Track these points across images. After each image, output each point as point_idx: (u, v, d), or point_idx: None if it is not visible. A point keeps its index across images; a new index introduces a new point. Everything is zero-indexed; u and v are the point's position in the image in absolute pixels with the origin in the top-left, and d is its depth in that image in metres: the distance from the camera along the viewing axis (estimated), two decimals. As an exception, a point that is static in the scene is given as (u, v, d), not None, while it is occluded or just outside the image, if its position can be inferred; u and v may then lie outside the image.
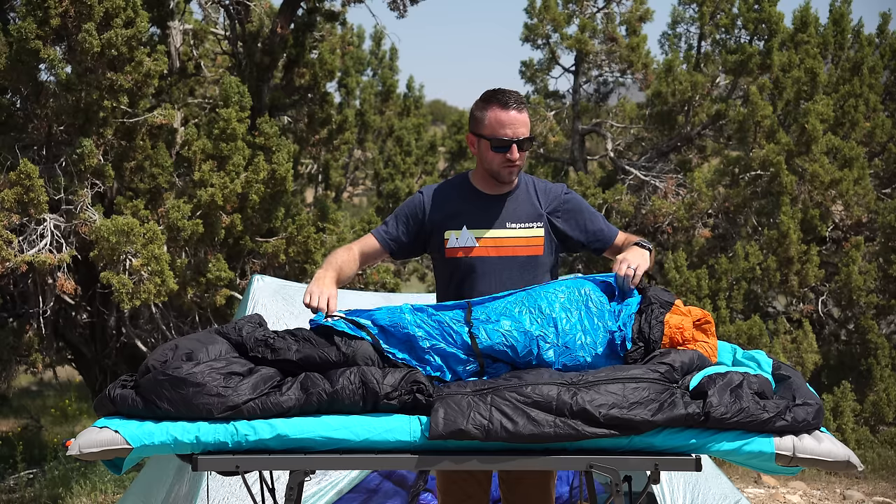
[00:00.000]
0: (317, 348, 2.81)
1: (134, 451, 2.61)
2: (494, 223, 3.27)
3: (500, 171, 3.23)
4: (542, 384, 2.65)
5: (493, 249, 3.25)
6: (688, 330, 2.89)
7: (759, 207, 9.50)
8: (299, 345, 2.82)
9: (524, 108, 3.21)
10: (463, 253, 3.26)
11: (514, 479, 3.33)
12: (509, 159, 3.19)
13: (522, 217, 3.29)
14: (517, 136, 3.18)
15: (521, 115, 3.18)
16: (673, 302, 2.94)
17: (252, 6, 8.85)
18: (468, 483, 3.34)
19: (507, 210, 3.29)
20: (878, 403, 8.57)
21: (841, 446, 2.61)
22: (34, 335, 7.61)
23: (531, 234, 3.29)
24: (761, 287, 9.18)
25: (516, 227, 3.28)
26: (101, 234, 6.21)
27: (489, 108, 3.19)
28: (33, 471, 7.67)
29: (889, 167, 10.03)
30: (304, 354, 2.80)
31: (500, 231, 3.27)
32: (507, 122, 3.16)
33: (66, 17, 6.06)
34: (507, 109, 3.16)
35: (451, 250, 3.28)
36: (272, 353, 2.81)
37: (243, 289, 7.25)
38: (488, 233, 3.26)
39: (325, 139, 11.22)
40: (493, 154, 3.20)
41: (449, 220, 3.29)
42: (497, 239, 3.26)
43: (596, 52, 11.38)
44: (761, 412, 2.57)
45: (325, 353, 2.79)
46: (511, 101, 3.18)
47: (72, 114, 6.35)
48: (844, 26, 10.75)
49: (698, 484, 4.70)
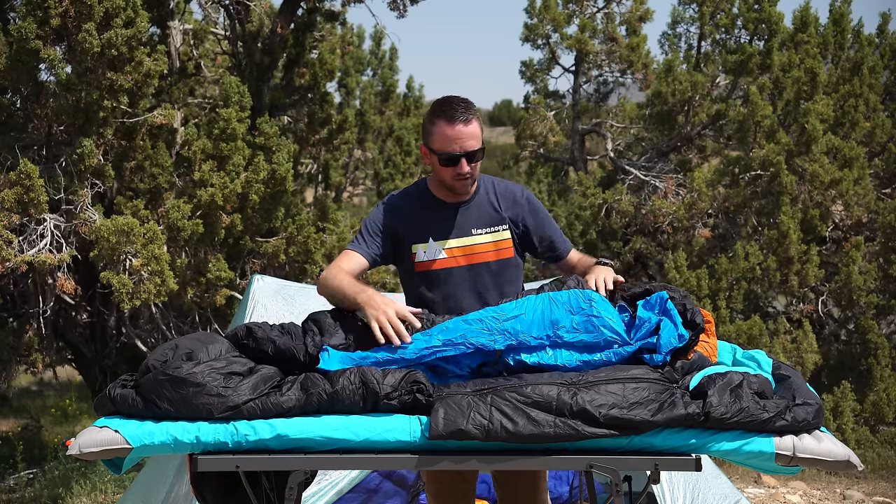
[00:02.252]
0: (293, 341, 2.83)
1: (134, 451, 2.61)
2: (460, 232, 3.24)
3: (453, 185, 3.20)
4: (542, 384, 2.65)
5: (462, 259, 3.23)
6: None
7: (759, 207, 9.50)
8: (281, 337, 2.84)
9: (472, 119, 3.12)
10: (434, 266, 3.23)
11: (508, 478, 3.33)
12: (460, 173, 3.15)
13: (486, 221, 3.26)
14: (465, 150, 3.11)
15: (468, 127, 3.10)
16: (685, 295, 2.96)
17: (252, 6, 8.85)
18: (458, 485, 3.34)
19: (470, 216, 3.26)
20: (878, 403, 8.58)
21: (841, 446, 2.61)
22: (34, 335, 7.61)
23: (498, 237, 3.27)
24: (761, 287, 9.18)
25: (482, 233, 3.25)
26: (101, 234, 6.21)
27: (436, 123, 3.14)
28: (33, 471, 7.68)
29: (889, 167, 10.03)
30: (280, 346, 2.81)
31: (467, 239, 3.25)
32: (453, 136, 3.10)
33: (66, 17, 6.06)
34: (454, 123, 3.09)
35: (421, 264, 3.26)
36: (253, 341, 2.84)
37: (243, 289, 7.25)
38: (454, 242, 3.23)
39: (325, 139, 11.23)
40: (444, 168, 3.16)
41: (414, 233, 3.26)
42: (465, 247, 3.24)
43: (596, 52, 11.39)
44: (761, 412, 2.57)
45: (295, 351, 2.80)
46: (458, 115, 3.10)
47: (72, 114, 6.35)
48: (844, 26, 10.76)
49: (698, 484, 4.70)
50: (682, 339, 2.76)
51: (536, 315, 2.84)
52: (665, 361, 2.74)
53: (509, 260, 3.28)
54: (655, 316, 2.81)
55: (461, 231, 3.24)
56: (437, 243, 3.24)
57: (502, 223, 3.27)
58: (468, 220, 3.25)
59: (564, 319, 2.82)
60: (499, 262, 3.26)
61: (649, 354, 2.76)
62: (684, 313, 2.83)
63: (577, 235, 10.85)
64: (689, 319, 2.81)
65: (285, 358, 2.80)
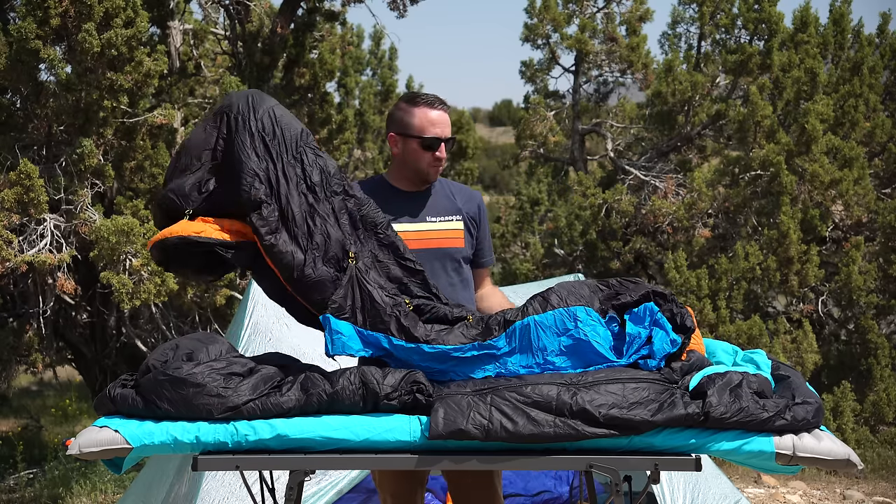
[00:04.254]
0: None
1: (134, 451, 2.61)
2: (416, 218, 3.36)
3: (427, 170, 3.33)
4: (542, 384, 2.65)
5: (415, 242, 3.29)
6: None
7: (759, 207, 9.50)
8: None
9: (447, 109, 3.34)
10: None
11: (459, 476, 3.33)
12: (437, 157, 3.30)
13: (441, 211, 3.39)
14: (444, 135, 3.30)
15: (445, 115, 3.31)
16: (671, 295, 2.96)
17: (252, 6, 8.85)
18: (416, 497, 3.43)
19: (427, 205, 3.39)
20: (878, 403, 8.58)
21: (841, 445, 2.61)
22: (34, 335, 7.61)
23: (451, 226, 3.39)
24: (761, 287, 9.18)
25: (436, 221, 3.38)
26: (101, 234, 6.21)
27: (417, 108, 3.29)
28: (33, 471, 7.68)
29: (889, 167, 10.03)
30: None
31: (422, 224, 3.36)
32: (436, 121, 3.28)
33: (66, 17, 6.06)
34: (434, 108, 3.29)
35: None
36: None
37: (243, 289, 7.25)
38: (410, 226, 3.33)
39: (325, 139, 11.22)
40: (423, 152, 3.29)
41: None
42: (419, 232, 3.34)
43: (596, 52, 11.39)
44: (761, 411, 2.57)
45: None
46: (437, 102, 3.31)
47: (72, 114, 6.35)
48: (844, 26, 10.76)
49: (698, 484, 4.70)
50: (674, 345, 2.77)
51: (524, 343, 2.82)
52: (659, 367, 2.75)
53: (460, 249, 3.39)
54: (645, 329, 2.81)
55: (418, 217, 3.37)
56: (395, 226, 3.27)
57: (457, 214, 3.41)
58: (425, 207, 3.39)
59: (552, 344, 2.82)
60: (450, 250, 3.37)
61: (644, 360, 2.77)
62: (673, 318, 2.83)
63: (577, 235, 10.85)
64: (680, 323, 2.82)
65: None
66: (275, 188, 2.86)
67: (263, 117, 2.93)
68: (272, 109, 2.97)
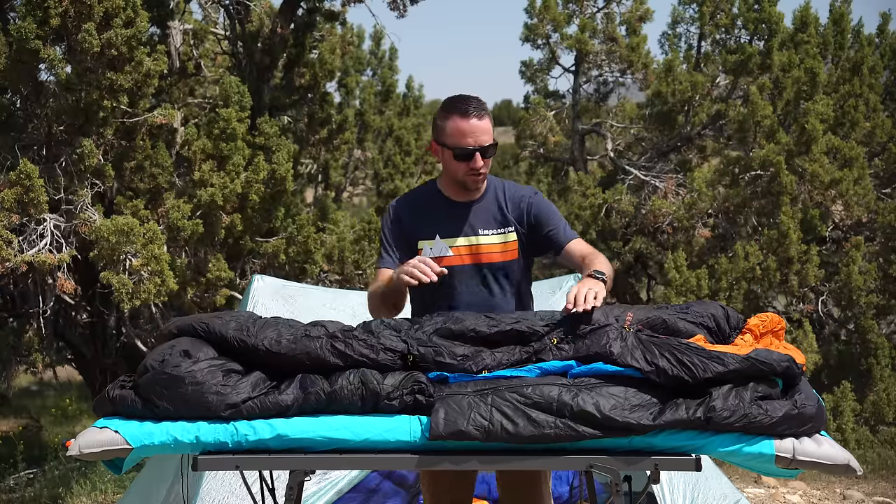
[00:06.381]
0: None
1: (134, 451, 2.61)
2: (468, 231, 3.26)
3: (465, 180, 3.21)
4: (543, 384, 2.64)
5: (468, 258, 3.23)
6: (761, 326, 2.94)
7: (759, 207, 9.50)
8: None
9: (485, 115, 3.16)
10: (439, 263, 3.21)
11: (511, 480, 3.33)
12: (473, 168, 3.17)
13: (493, 223, 3.27)
14: (479, 145, 3.14)
15: (481, 122, 3.14)
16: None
17: (252, 6, 8.85)
18: (458, 489, 3.35)
19: (478, 216, 3.26)
20: (878, 403, 8.58)
21: (840, 450, 2.60)
22: (34, 335, 7.61)
23: (504, 239, 3.27)
24: (761, 287, 9.17)
25: (489, 234, 3.26)
26: (101, 234, 6.20)
27: (450, 118, 3.15)
28: (33, 471, 7.68)
29: (889, 167, 10.03)
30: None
31: (474, 238, 3.25)
32: (467, 130, 3.13)
33: (66, 17, 6.06)
34: (468, 118, 3.13)
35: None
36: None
37: (243, 289, 7.25)
38: (461, 240, 3.24)
39: (325, 139, 11.23)
40: (457, 164, 3.18)
41: (421, 230, 3.27)
42: (471, 246, 3.25)
43: (596, 52, 11.39)
44: (764, 416, 2.57)
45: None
46: (471, 109, 3.14)
47: (72, 114, 6.34)
48: (844, 26, 10.76)
49: (698, 484, 4.70)
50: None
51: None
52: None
53: (514, 262, 3.28)
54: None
55: (469, 230, 3.25)
56: (445, 241, 3.25)
57: (508, 225, 3.27)
58: (476, 219, 3.26)
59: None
60: (504, 264, 3.26)
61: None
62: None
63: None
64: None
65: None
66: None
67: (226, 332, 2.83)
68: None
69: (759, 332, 2.94)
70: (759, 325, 2.96)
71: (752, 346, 2.82)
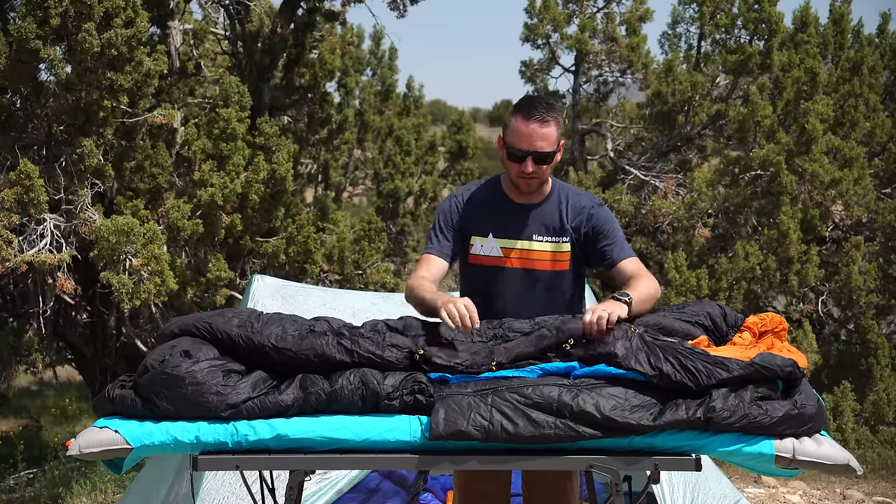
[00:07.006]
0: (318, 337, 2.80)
1: (134, 451, 2.61)
2: (521, 234, 3.22)
3: (517, 181, 3.19)
4: (543, 385, 2.64)
5: (517, 261, 3.21)
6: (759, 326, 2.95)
7: (759, 207, 9.50)
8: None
9: (550, 122, 3.09)
10: (487, 262, 3.22)
11: (535, 479, 3.32)
12: (524, 171, 3.13)
13: (550, 230, 3.22)
14: (533, 149, 3.09)
15: (542, 128, 3.08)
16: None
17: (252, 6, 8.85)
18: (489, 483, 3.33)
19: (536, 222, 3.23)
20: (878, 403, 8.57)
21: (840, 450, 2.60)
22: (34, 335, 7.61)
23: (558, 248, 3.23)
24: (761, 287, 9.17)
25: (543, 241, 3.22)
26: (101, 234, 6.20)
27: (514, 117, 3.13)
28: (33, 471, 7.68)
29: (889, 167, 10.03)
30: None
31: (527, 243, 3.22)
32: (525, 133, 3.09)
33: (66, 17, 6.06)
34: (529, 121, 3.08)
35: (476, 257, 3.26)
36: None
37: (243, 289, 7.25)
38: (514, 244, 3.21)
39: (325, 139, 11.23)
40: (510, 163, 3.17)
41: (476, 225, 3.25)
42: (523, 251, 3.22)
43: (596, 52, 11.38)
44: (764, 416, 2.57)
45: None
46: (535, 113, 3.09)
47: (72, 114, 6.34)
48: (844, 26, 10.76)
49: (698, 484, 4.70)
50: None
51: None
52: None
53: (564, 273, 3.24)
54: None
55: (524, 234, 3.22)
56: (496, 240, 3.23)
57: (564, 235, 3.23)
58: (533, 224, 3.23)
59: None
60: (553, 273, 3.23)
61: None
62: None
63: (577, 235, 10.85)
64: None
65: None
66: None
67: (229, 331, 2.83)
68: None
69: (757, 329, 2.94)
70: (758, 322, 2.97)
71: (752, 345, 2.82)
